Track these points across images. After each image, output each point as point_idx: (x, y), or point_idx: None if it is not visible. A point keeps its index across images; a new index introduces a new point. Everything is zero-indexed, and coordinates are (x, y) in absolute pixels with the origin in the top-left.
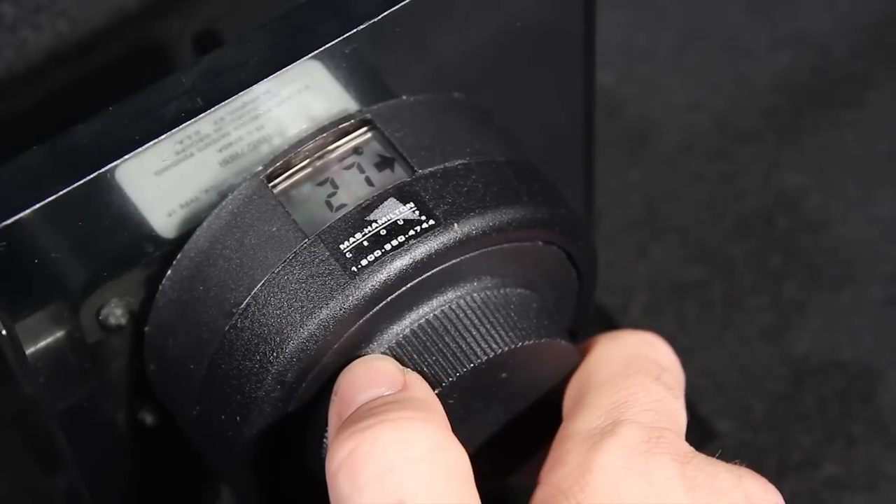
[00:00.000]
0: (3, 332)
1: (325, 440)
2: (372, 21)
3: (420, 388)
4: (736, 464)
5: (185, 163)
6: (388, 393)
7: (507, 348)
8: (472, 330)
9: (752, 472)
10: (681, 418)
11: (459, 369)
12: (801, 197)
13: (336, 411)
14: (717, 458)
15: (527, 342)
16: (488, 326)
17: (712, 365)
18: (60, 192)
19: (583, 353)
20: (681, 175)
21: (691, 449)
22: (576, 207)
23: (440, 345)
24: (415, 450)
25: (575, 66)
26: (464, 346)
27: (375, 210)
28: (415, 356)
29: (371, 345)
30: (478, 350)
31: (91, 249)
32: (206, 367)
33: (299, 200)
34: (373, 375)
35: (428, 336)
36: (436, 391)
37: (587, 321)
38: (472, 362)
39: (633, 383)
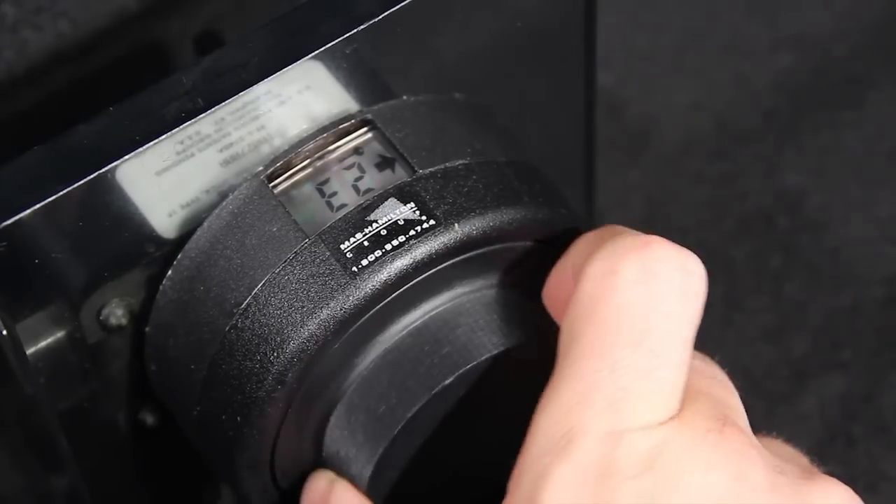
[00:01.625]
0: (4, 332)
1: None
2: (372, 21)
3: (340, 494)
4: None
5: (185, 163)
6: None
7: (506, 349)
8: (473, 330)
9: (729, 452)
10: (665, 389)
11: (458, 370)
12: (801, 197)
13: None
14: None
15: (528, 343)
16: (488, 326)
17: None
18: (60, 192)
19: (577, 274)
20: (681, 175)
21: (661, 436)
22: (576, 208)
23: (441, 345)
24: None
25: (575, 66)
26: (464, 346)
27: (376, 210)
28: (415, 356)
29: (372, 345)
30: (477, 350)
31: (91, 249)
32: (207, 367)
33: (300, 200)
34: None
35: (428, 336)
36: (435, 391)
37: None
38: (472, 361)
39: (601, 365)
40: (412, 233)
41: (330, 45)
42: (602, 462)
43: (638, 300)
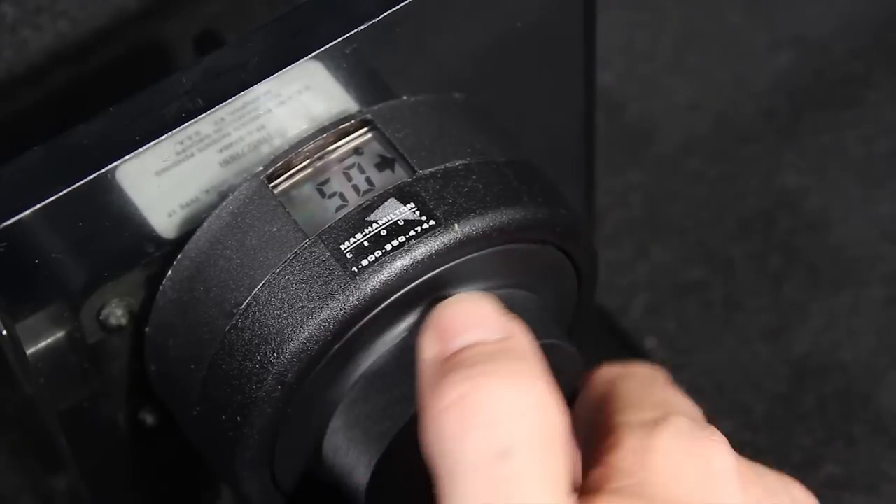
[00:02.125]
0: (4, 332)
1: (323, 454)
2: (372, 21)
3: (524, 339)
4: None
5: (185, 163)
6: (494, 338)
7: None
8: None
9: (795, 480)
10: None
11: None
12: (801, 197)
13: (434, 346)
14: None
15: None
16: None
17: (712, 365)
18: (60, 193)
19: (594, 375)
20: (681, 175)
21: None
22: (576, 208)
23: None
24: (522, 405)
25: (575, 66)
26: None
27: (376, 210)
28: (415, 356)
29: (372, 345)
30: None
31: (91, 250)
32: (207, 367)
33: (300, 201)
34: (477, 316)
35: None
36: None
37: (587, 322)
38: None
39: (666, 390)
40: (412, 233)
41: (330, 45)
42: (699, 431)
43: (654, 373)
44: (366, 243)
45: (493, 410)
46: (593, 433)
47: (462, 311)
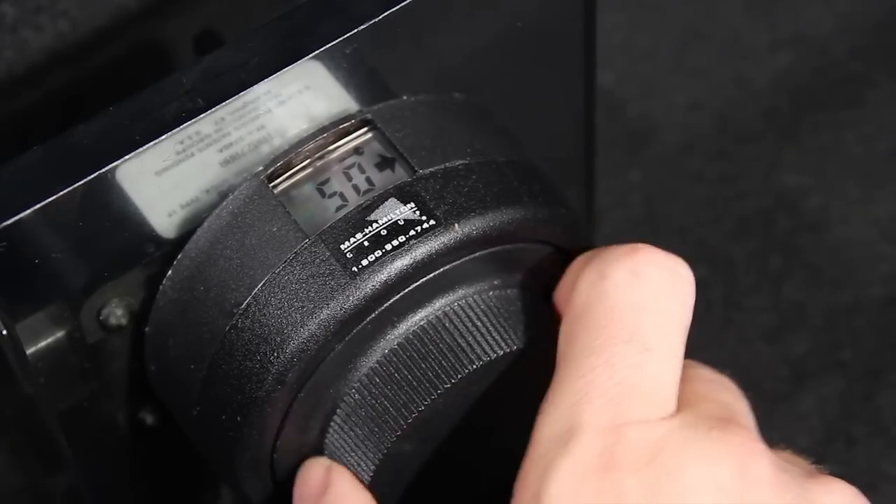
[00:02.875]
0: (4, 332)
1: (324, 454)
2: (372, 21)
3: (340, 484)
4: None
5: (185, 163)
6: (315, 498)
7: (508, 350)
8: (474, 331)
9: (732, 446)
10: (660, 384)
11: (460, 371)
12: (801, 197)
13: None
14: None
15: (527, 344)
16: (489, 327)
17: (712, 365)
18: (60, 192)
19: (570, 287)
20: (681, 175)
21: (662, 431)
22: (576, 207)
23: (442, 345)
24: None
25: (575, 66)
26: (465, 346)
27: (376, 210)
28: (416, 357)
29: (373, 345)
30: (479, 351)
31: (91, 249)
32: (207, 367)
33: (300, 200)
34: (301, 487)
35: (429, 337)
36: (436, 393)
37: None
38: (472, 364)
39: (599, 361)
40: (412, 233)
41: (330, 45)
42: (604, 455)
43: (627, 300)
44: (366, 243)
45: None
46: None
47: (296, 487)
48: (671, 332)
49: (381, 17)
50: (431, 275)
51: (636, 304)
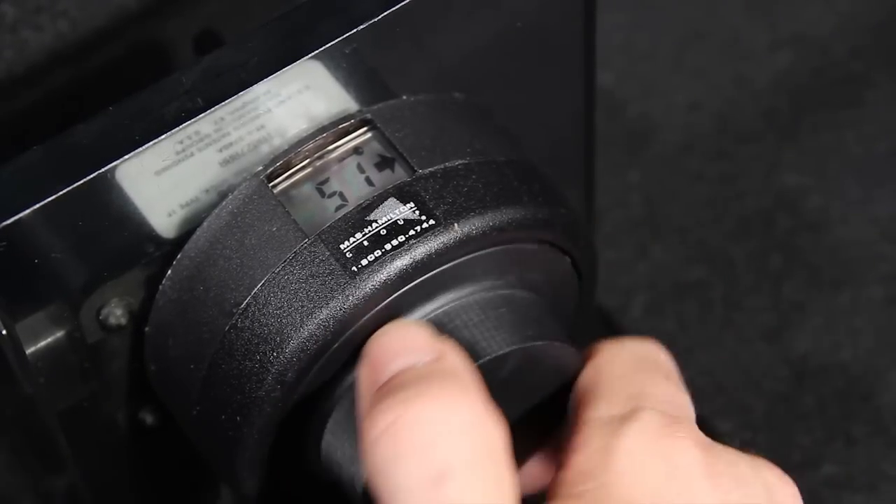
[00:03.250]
0: (4, 332)
1: (323, 453)
2: (372, 21)
3: (455, 358)
4: (751, 454)
5: (185, 163)
6: (424, 361)
7: (507, 349)
8: (473, 330)
9: (769, 463)
10: (693, 414)
11: None
12: (801, 197)
13: (368, 376)
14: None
15: (527, 343)
16: (489, 327)
17: (712, 365)
18: (60, 192)
19: (586, 358)
20: (681, 175)
21: (709, 439)
22: (576, 207)
23: None
24: (455, 424)
25: (575, 66)
26: (464, 346)
27: (376, 210)
28: None
29: None
30: (478, 350)
31: (91, 249)
32: (207, 367)
33: (299, 200)
34: (408, 342)
35: None
36: None
37: (587, 321)
38: (473, 362)
39: (645, 378)
40: (412, 233)
41: (330, 45)
42: (668, 428)
43: (646, 353)
44: (365, 243)
45: (426, 433)
46: (570, 430)
47: (392, 340)
48: (681, 381)
49: (381, 17)
50: (431, 274)
51: (656, 356)
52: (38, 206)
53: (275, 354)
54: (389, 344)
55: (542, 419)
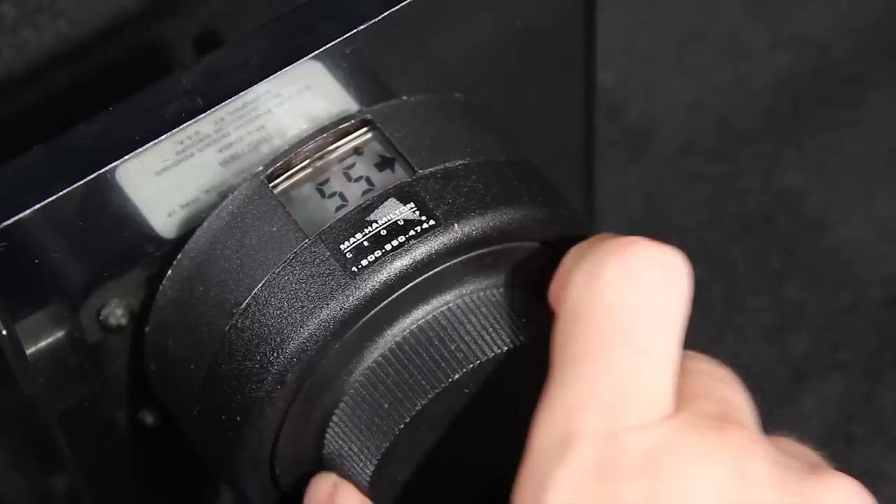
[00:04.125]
0: (3, 332)
1: (324, 453)
2: (372, 21)
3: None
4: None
5: (185, 163)
6: None
7: (507, 349)
8: (473, 330)
9: (728, 446)
10: (657, 387)
11: (459, 369)
12: (801, 197)
13: None
14: None
15: (527, 343)
16: (489, 327)
17: None
18: (60, 193)
19: (562, 287)
20: (681, 175)
21: (659, 436)
22: (576, 208)
23: (441, 345)
24: None
25: (575, 66)
26: (464, 346)
27: (376, 210)
28: (415, 356)
29: (373, 345)
30: (478, 350)
31: (91, 249)
32: (207, 367)
33: (299, 201)
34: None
35: (429, 336)
36: (436, 391)
37: None
38: (472, 363)
39: (594, 366)
40: (412, 233)
41: (330, 45)
42: (602, 464)
43: (621, 301)
44: (365, 243)
45: None
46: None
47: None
48: (667, 332)
49: (381, 17)
50: (431, 274)
51: (631, 305)
52: (38, 206)
53: (275, 355)
54: None
55: None
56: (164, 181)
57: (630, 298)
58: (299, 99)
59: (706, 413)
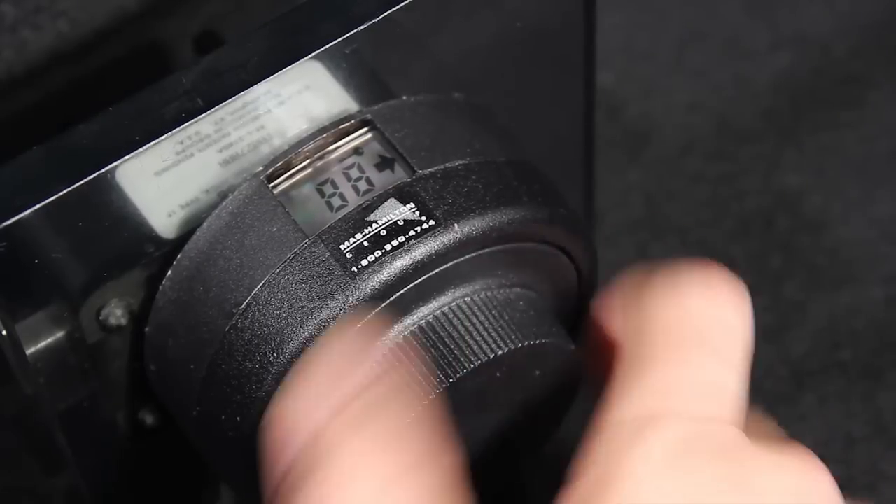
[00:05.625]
0: (3, 332)
1: None
2: (372, 21)
3: (334, 435)
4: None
5: (185, 163)
6: (303, 455)
7: (508, 349)
8: (473, 331)
9: (803, 458)
10: (735, 394)
11: (460, 370)
12: (801, 197)
13: (267, 471)
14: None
15: (527, 343)
16: (489, 327)
17: None
18: (60, 193)
19: (633, 301)
20: (681, 175)
21: (738, 435)
22: (576, 208)
23: (441, 345)
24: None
25: (575, 66)
26: (464, 346)
27: (376, 210)
28: (415, 357)
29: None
30: (478, 351)
31: (91, 249)
32: (207, 367)
33: (299, 201)
34: (291, 427)
35: (428, 337)
36: (437, 392)
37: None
38: (472, 363)
39: (682, 361)
40: (412, 233)
41: (330, 45)
42: (688, 442)
43: (702, 310)
44: (365, 243)
45: None
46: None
47: (278, 427)
48: (740, 348)
49: (381, 17)
50: (431, 275)
51: (710, 315)
52: (38, 206)
53: (275, 355)
54: (277, 432)
55: (542, 420)
56: (164, 181)
57: (709, 309)
58: (299, 99)
59: (766, 429)
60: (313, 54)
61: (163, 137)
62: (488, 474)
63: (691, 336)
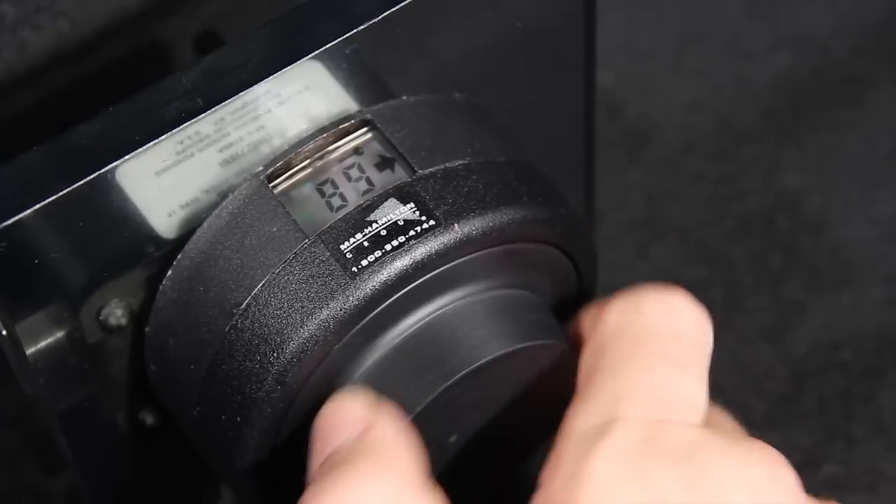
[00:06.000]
0: (4, 332)
1: None
2: (372, 21)
3: (384, 428)
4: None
5: (185, 163)
6: (353, 436)
7: (507, 350)
8: (473, 331)
9: (764, 453)
10: (693, 397)
11: (459, 371)
12: (801, 197)
13: (312, 456)
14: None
15: (527, 344)
16: (489, 327)
17: (712, 365)
18: (60, 193)
19: (596, 316)
20: (681, 175)
21: (698, 434)
22: (576, 208)
23: (441, 345)
24: (377, 501)
25: (575, 66)
26: (464, 347)
27: (376, 210)
28: (418, 357)
29: (373, 345)
30: (478, 352)
31: (91, 249)
32: (207, 367)
33: (300, 201)
34: (337, 421)
35: (429, 336)
36: (436, 392)
37: None
38: (471, 364)
39: (636, 368)
40: (412, 233)
41: (330, 45)
42: (645, 443)
43: (662, 325)
44: (365, 243)
45: None
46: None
47: (329, 416)
48: (700, 358)
49: (381, 17)
50: (431, 275)
51: (668, 330)
52: (38, 206)
53: (275, 355)
54: (325, 425)
55: (541, 420)
56: (164, 181)
57: (668, 324)
58: (299, 99)
59: (729, 427)
60: (313, 54)
61: (163, 137)
62: (486, 474)
63: (653, 349)
